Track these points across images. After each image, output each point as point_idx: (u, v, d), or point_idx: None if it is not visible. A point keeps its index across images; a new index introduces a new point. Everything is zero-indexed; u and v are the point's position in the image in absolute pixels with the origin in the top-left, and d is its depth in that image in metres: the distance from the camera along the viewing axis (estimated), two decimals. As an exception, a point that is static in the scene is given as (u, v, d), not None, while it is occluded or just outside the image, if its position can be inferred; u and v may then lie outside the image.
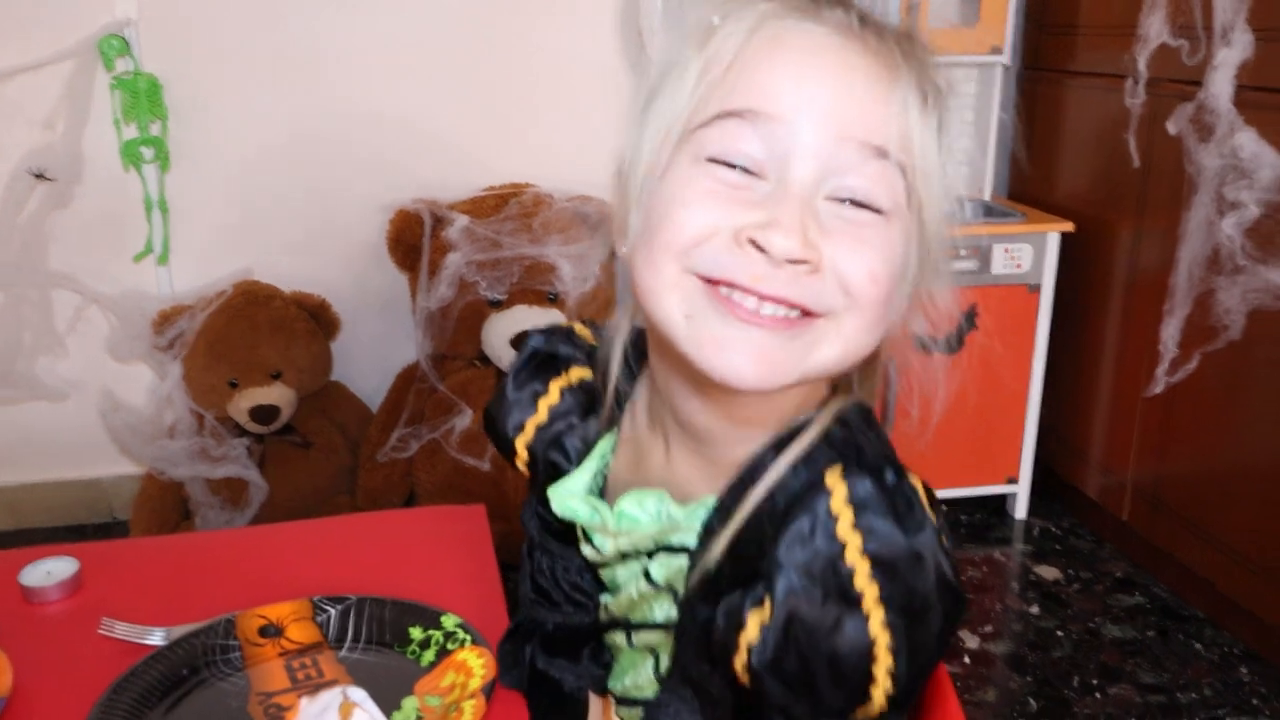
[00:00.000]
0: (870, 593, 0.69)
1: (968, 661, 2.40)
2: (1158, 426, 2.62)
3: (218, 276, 2.84)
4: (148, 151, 2.76)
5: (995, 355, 2.83)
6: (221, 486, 2.66)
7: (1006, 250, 2.76)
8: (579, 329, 1.01)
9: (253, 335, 2.67)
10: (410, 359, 2.87)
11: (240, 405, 2.66)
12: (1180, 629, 2.52)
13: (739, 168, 0.75)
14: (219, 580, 1.25)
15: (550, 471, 0.96)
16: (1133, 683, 2.33)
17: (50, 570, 1.22)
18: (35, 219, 2.77)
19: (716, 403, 0.82)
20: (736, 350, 0.75)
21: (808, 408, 0.83)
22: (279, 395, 2.68)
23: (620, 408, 0.95)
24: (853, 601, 0.69)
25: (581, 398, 0.97)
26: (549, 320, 2.26)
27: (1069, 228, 2.79)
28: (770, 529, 0.74)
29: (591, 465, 0.94)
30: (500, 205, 2.75)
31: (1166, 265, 2.44)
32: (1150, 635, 2.49)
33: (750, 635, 0.72)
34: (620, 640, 0.96)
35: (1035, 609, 2.61)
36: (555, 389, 0.97)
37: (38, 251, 2.80)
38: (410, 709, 1.00)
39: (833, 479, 0.72)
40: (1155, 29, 2.37)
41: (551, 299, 2.72)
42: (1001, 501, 3.10)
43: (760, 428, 0.83)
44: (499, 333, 2.69)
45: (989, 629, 2.52)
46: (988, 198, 3.07)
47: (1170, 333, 2.41)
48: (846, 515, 0.70)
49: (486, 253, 2.65)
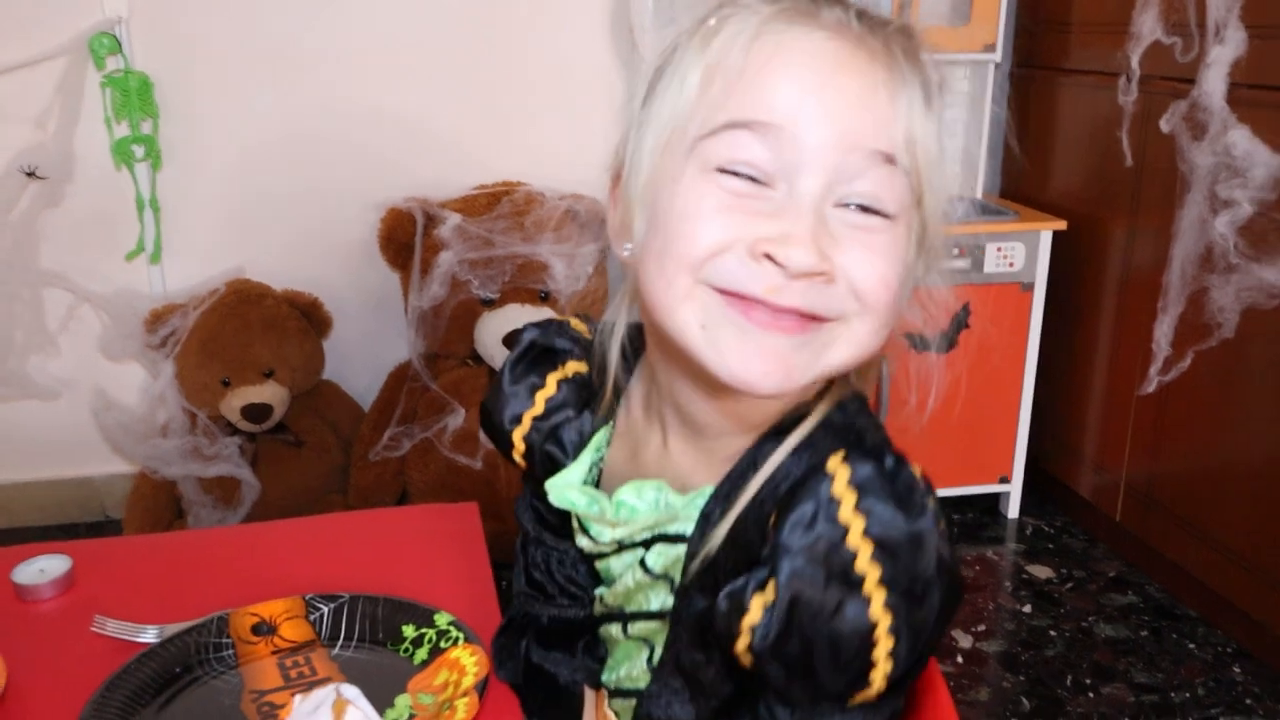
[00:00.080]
0: (872, 575, 0.70)
1: (961, 661, 2.40)
2: (1151, 425, 2.62)
3: (210, 275, 2.84)
4: (139, 150, 2.76)
5: (988, 354, 2.83)
6: (214, 485, 2.66)
7: (999, 249, 2.76)
8: (574, 323, 1.01)
9: (245, 334, 2.67)
10: (402, 357, 2.87)
11: (232, 404, 2.66)
12: (1173, 628, 2.52)
13: (747, 177, 0.75)
14: (212, 578, 1.25)
15: (547, 464, 0.97)
16: (1126, 682, 2.33)
17: (43, 568, 1.22)
18: (27, 217, 2.76)
19: (723, 402, 0.83)
20: (754, 357, 0.75)
21: (807, 397, 0.83)
22: (271, 394, 2.68)
23: (617, 400, 0.96)
24: (855, 584, 0.70)
25: (577, 391, 0.97)
26: (541, 319, 2.26)
27: (1062, 226, 2.79)
28: (773, 514, 0.75)
29: (587, 458, 0.95)
30: (492, 204, 2.74)
31: (1159, 264, 2.45)
32: (1143, 634, 2.50)
33: (753, 617, 0.73)
34: (615, 631, 0.97)
35: (1028, 608, 2.61)
36: (552, 382, 0.97)
37: (29, 250, 2.79)
38: (403, 707, 1.00)
39: (835, 463, 0.72)
40: (1148, 26, 2.37)
41: (543, 297, 2.72)
42: (994, 500, 3.10)
43: (762, 421, 0.84)
44: (491, 331, 2.68)
45: (982, 628, 2.52)
46: (980, 196, 3.07)
47: (1163, 331, 2.41)
48: (849, 499, 0.71)
49: (479, 251, 2.65)
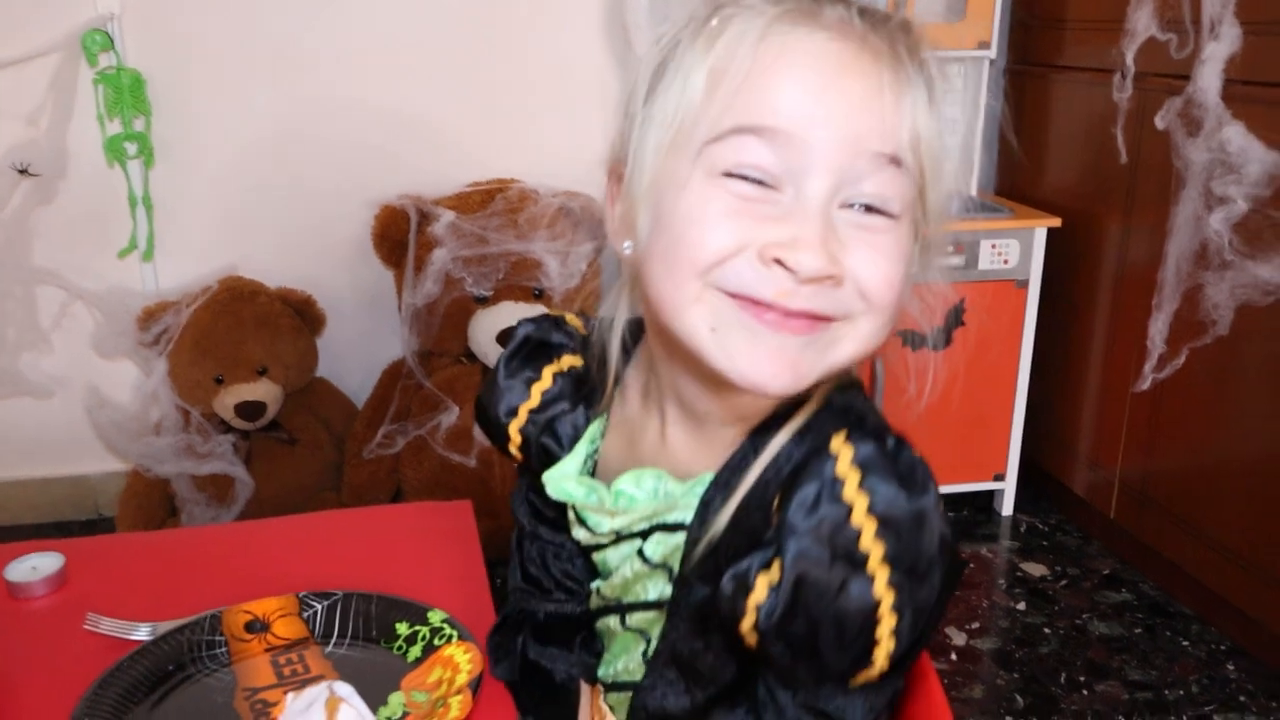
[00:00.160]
0: (875, 553, 0.71)
1: (954, 658, 2.40)
2: (1145, 423, 2.62)
3: (203, 272, 2.83)
4: (131, 147, 2.75)
5: (983, 351, 2.83)
6: (207, 483, 2.65)
7: (994, 246, 2.76)
8: (570, 318, 1.01)
9: (238, 331, 2.67)
10: (396, 355, 2.87)
11: (226, 401, 2.65)
12: (1167, 625, 2.52)
13: (754, 181, 0.76)
14: (205, 576, 1.24)
15: (543, 457, 0.97)
16: (1120, 679, 2.33)
17: (35, 565, 1.22)
18: (19, 215, 2.76)
19: (726, 396, 0.84)
20: (763, 359, 0.77)
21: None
22: (265, 391, 2.67)
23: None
24: (859, 563, 0.71)
25: (573, 385, 0.98)
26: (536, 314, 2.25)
27: (1056, 223, 2.79)
28: (776, 496, 0.76)
29: (582, 449, 0.95)
30: (486, 201, 2.74)
31: (1154, 261, 2.45)
32: (1137, 632, 2.50)
33: (759, 596, 0.74)
34: (613, 623, 0.97)
35: (1022, 605, 2.61)
36: (547, 375, 0.98)
37: (22, 247, 2.79)
38: (397, 704, 1.00)
39: (838, 443, 0.73)
40: (1143, 23, 2.37)
41: (537, 295, 2.72)
42: (988, 498, 3.10)
43: (763, 409, 0.85)
44: (485, 329, 2.68)
45: (976, 626, 2.52)
46: (975, 193, 3.07)
47: (1158, 328, 2.41)
48: (853, 477, 0.71)
49: (472, 248, 2.64)
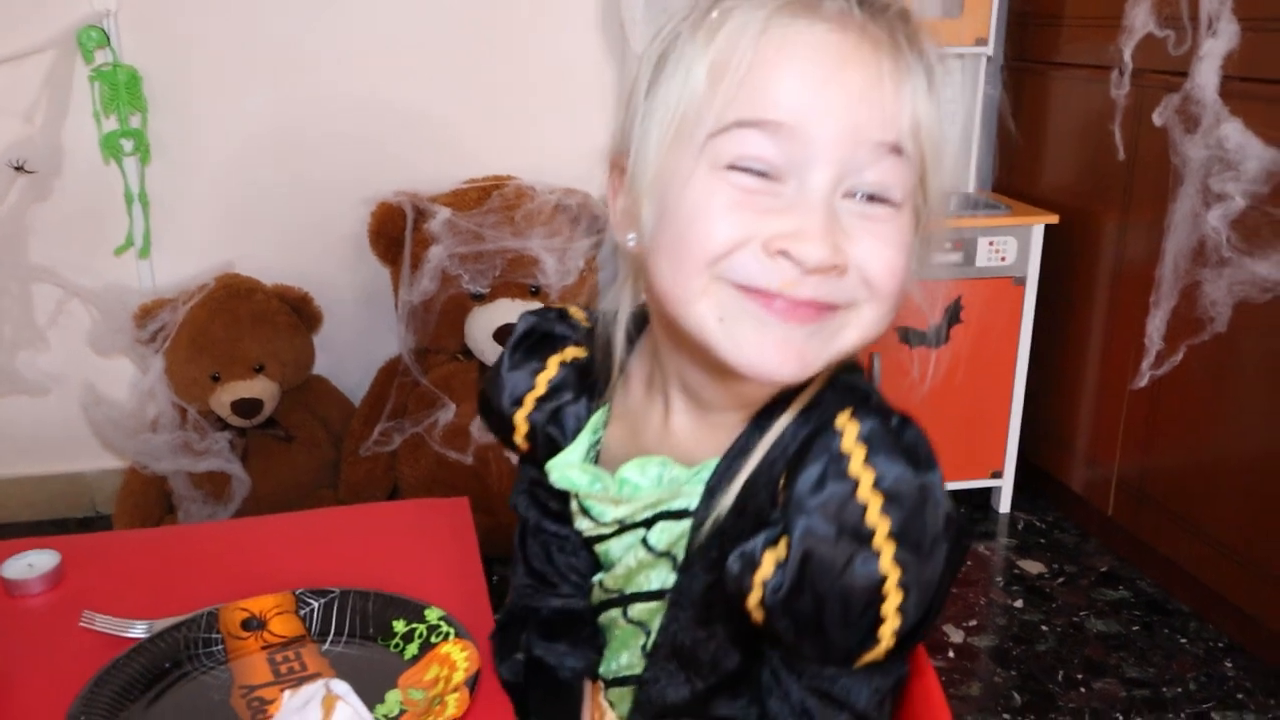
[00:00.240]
0: (882, 528, 0.71)
1: (952, 656, 2.40)
2: (1143, 420, 2.62)
3: (199, 270, 2.83)
4: (128, 144, 2.75)
5: (980, 348, 2.83)
6: (204, 480, 2.65)
7: (991, 243, 2.76)
8: (573, 310, 1.02)
9: (235, 329, 2.66)
10: (393, 352, 2.86)
11: (222, 399, 2.65)
12: (1165, 623, 2.52)
13: (758, 173, 0.76)
14: (201, 573, 1.24)
15: (548, 447, 0.97)
16: (1117, 677, 2.33)
17: (32, 563, 1.21)
18: (15, 212, 2.75)
19: (732, 385, 0.85)
20: (770, 349, 0.77)
21: None
22: (261, 389, 2.67)
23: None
24: (865, 539, 0.72)
25: (577, 375, 0.98)
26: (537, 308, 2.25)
27: (1053, 220, 2.78)
28: (782, 474, 0.77)
29: (584, 439, 0.96)
30: (482, 198, 2.74)
31: (1152, 258, 2.45)
32: (1135, 629, 2.50)
33: (765, 572, 0.75)
34: (616, 615, 0.97)
35: (1019, 603, 2.61)
36: (553, 364, 0.99)
37: (18, 245, 2.78)
38: (393, 702, 1.00)
39: (843, 420, 0.75)
40: (1141, 19, 2.37)
41: (534, 292, 2.71)
42: (986, 495, 3.10)
43: (769, 394, 0.85)
44: (482, 326, 2.68)
45: (973, 623, 2.52)
46: (972, 190, 3.07)
47: (1156, 326, 2.41)
48: (859, 453, 0.73)
49: (469, 246, 2.64)
